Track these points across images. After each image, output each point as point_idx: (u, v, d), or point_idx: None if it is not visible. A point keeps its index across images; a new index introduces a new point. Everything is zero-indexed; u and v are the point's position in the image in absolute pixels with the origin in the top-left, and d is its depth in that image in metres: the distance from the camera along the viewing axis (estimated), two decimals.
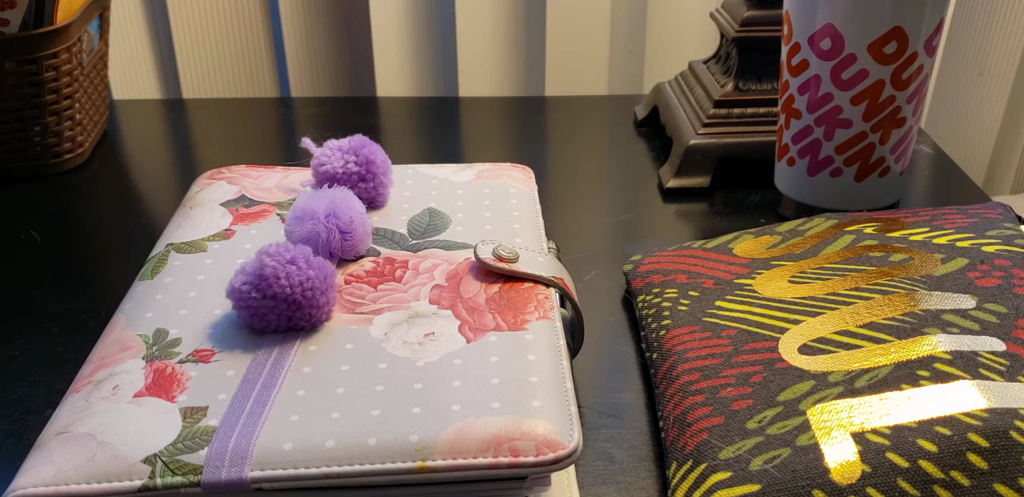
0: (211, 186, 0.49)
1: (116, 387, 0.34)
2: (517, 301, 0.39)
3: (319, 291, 0.36)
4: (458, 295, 0.39)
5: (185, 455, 0.31)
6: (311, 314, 0.37)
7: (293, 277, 0.36)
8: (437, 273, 0.41)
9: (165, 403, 0.33)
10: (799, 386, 0.37)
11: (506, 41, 0.91)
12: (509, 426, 0.31)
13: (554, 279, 0.40)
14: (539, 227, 0.46)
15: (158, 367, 0.35)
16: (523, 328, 0.37)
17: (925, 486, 0.31)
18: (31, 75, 0.65)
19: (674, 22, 0.91)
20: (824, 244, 0.48)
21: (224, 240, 0.44)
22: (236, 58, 0.93)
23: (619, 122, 0.78)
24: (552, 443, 0.31)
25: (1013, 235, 0.45)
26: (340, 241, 0.40)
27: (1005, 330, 0.38)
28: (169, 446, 0.31)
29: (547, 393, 0.33)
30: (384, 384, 0.34)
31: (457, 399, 0.33)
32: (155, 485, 0.30)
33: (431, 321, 0.37)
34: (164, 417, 0.33)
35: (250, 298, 0.36)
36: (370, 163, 0.45)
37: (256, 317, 0.36)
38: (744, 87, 0.66)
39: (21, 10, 0.63)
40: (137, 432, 0.32)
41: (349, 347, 0.36)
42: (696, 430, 0.37)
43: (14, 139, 0.67)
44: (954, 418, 0.33)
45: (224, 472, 0.30)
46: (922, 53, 0.53)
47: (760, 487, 0.33)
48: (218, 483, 0.30)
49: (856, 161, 0.56)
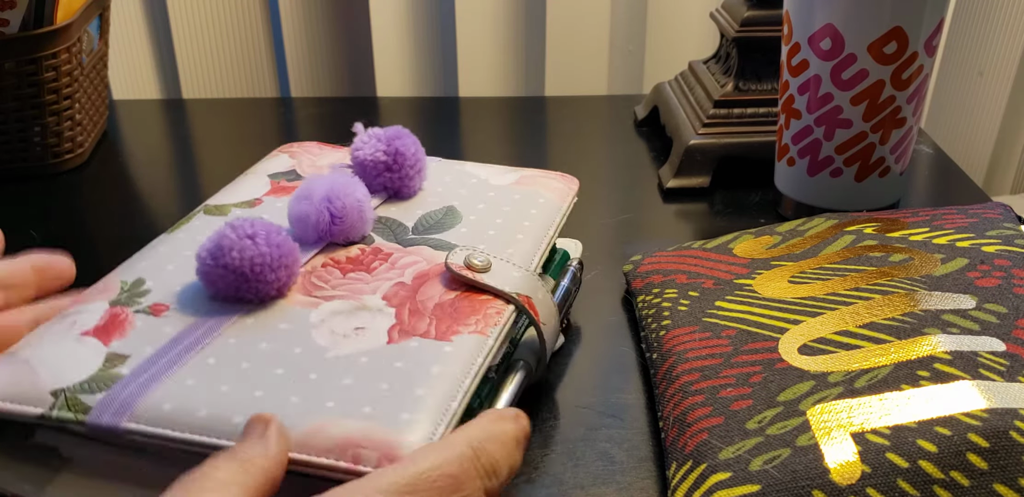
0: (275, 158, 0.51)
1: (73, 323, 0.37)
2: (464, 310, 0.38)
3: (268, 268, 0.38)
4: (413, 296, 0.39)
5: (84, 395, 0.34)
6: (258, 289, 0.38)
7: (245, 251, 0.38)
8: (409, 271, 0.41)
9: (100, 345, 0.36)
10: (799, 386, 0.37)
11: (506, 41, 0.91)
12: (364, 432, 0.32)
13: (516, 296, 0.39)
14: (544, 240, 0.45)
15: (115, 312, 0.38)
16: (448, 339, 0.37)
17: (925, 486, 0.31)
18: (31, 75, 0.65)
19: (674, 22, 0.91)
20: (824, 244, 0.48)
21: (249, 207, 0.46)
22: (236, 58, 0.93)
23: (619, 122, 0.78)
24: (395, 457, 0.31)
25: (1013, 235, 0.45)
26: (329, 224, 0.42)
27: (1005, 330, 0.38)
28: (78, 384, 0.34)
29: (424, 409, 0.33)
30: (285, 368, 0.35)
31: (336, 397, 0.33)
32: (50, 416, 0.33)
33: (370, 316, 0.38)
34: (91, 358, 0.35)
35: (205, 264, 0.38)
36: (399, 154, 0.46)
37: (208, 282, 0.38)
38: (744, 87, 0.66)
39: (21, 10, 0.63)
40: (63, 366, 0.35)
41: (282, 327, 0.37)
42: (696, 430, 0.37)
43: (14, 139, 0.67)
44: (954, 418, 0.33)
45: (106, 418, 0.33)
46: (922, 53, 0.53)
47: (760, 487, 0.33)
48: (98, 426, 0.33)
49: (856, 161, 0.56)
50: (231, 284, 0.38)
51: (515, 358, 0.41)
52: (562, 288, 0.47)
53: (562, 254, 0.49)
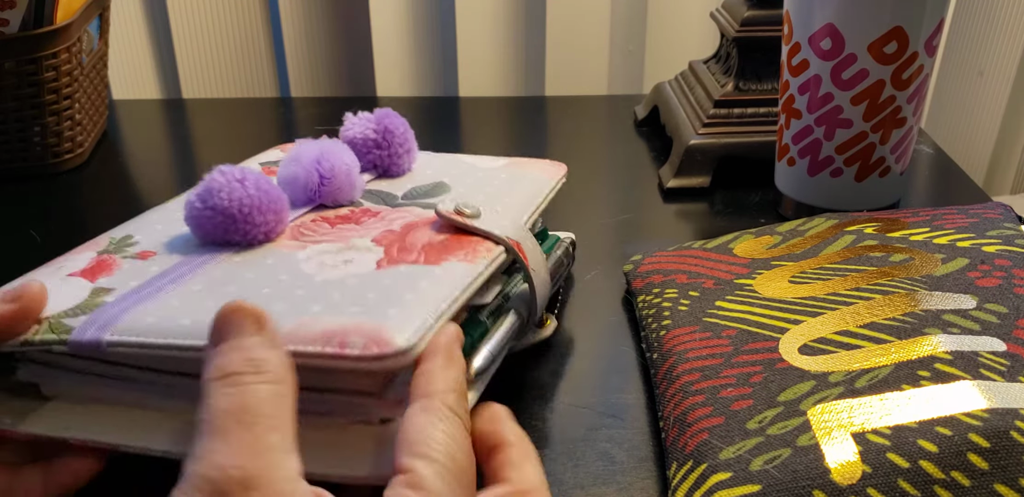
0: (268, 152, 0.53)
1: (61, 267, 0.38)
2: (452, 246, 0.38)
3: (256, 210, 0.38)
4: (402, 239, 0.39)
5: (69, 318, 0.33)
6: (245, 230, 0.38)
7: (235, 192, 0.38)
8: (398, 222, 0.41)
9: (87, 282, 0.36)
10: (799, 386, 0.37)
11: (506, 41, 0.91)
12: (350, 324, 0.31)
13: (507, 239, 0.39)
14: (532, 207, 0.45)
15: (103, 259, 0.39)
16: (437, 264, 0.36)
17: (926, 486, 0.31)
18: (31, 75, 0.65)
19: (674, 22, 0.91)
20: (824, 244, 0.48)
21: None
22: (236, 58, 0.93)
23: (619, 122, 0.78)
24: (383, 341, 0.30)
25: (1013, 235, 0.45)
26: (318, 185, 0.42)
27: (1005, 330, 0.38)
28: (62, 311, 0.34)
29: (413, 306, 0.33)
30: (272, 288, 0.35)
31: (323, 302, 0.33)
32: (32, 341, 0.33)
33: (359, 253, 0.38)
34: (78, 292, 0.35)
35: (194, 207, 0.38)
36: (387, 132, 0.47)
37: (196, 226, 0.39)
38: (744, 87, 0.66)
39: (21, 10, 0.63)
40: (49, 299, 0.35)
41: (269, 262, 0.37)
42: (696, 430, 0.37)
43: (14, 139, 0.67)
44: (955, 418, 0.33)
45: (88, 334, 0.32)
46: (922, 53, 0.53)
47: (760, 487, 0.33)
48: (80, 342, 0.32)
49: (856, 161, 0.56)
50: (219, 226, 0.38)
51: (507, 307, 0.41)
52: (554, 257, 0.47)
53: (553, 238, 0.49)
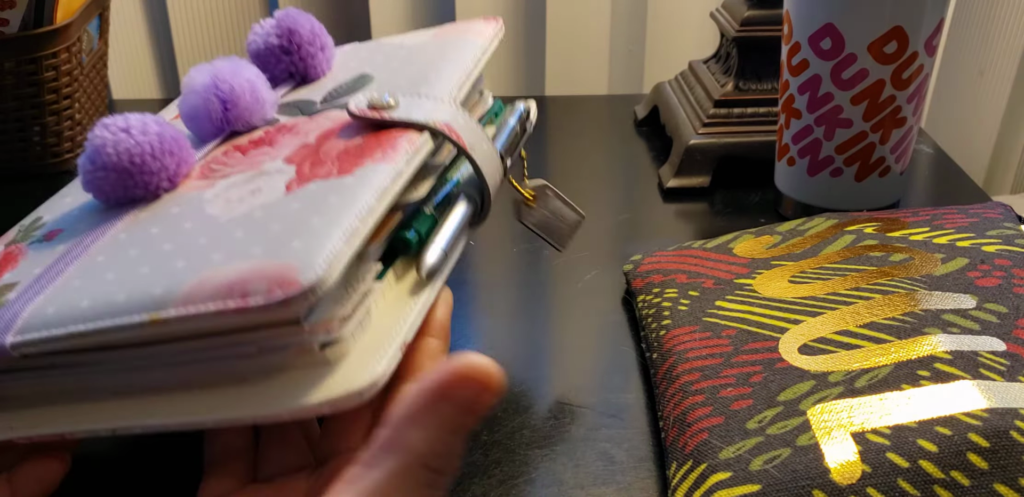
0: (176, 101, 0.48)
1: None
2: (369, 148, 0.33)
3: (150, 156, 0.35)
4: (316, 151, 0.35)
5: None
6: (146, 181, 0.35)
7: (120, 144, 0.35)
8: (313, 134, 0.36)
9: None
10: (799, 386, 0.37)
11: (506, 41, 0.91)
12: (252, 269, 0.27)
13: (433, 124, 0.34)
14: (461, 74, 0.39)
15: (10, 250, 0.35)
16: (350, 173, 0.32)
17: (925, 486, 0.31)
18: (31, 75, 0.65)
19: (674, 22, 0.91)
20: (824, 244, 0.48)
21: None
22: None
23: (619, 122, 0.78)
24: (286, 282, 0.26)
25: (1013, 235, 0.45)
26: (222, 112, 0.38)
27: (1005, 330, 0.38)
28: None
29: (318, 233, 0.29)
30: (174, 243, 0.31)
31: (225, 248, 0.29)
32: None
33: (268, 179, 0.34)
34: None
35: (86, 172, 0.35)
36: (292, 33, 0.42)
37: (95, 190, 0.35)
38: (744, 87, 0.66)
39: (21, 10, 0.63)
40: None
41: (175, 211, 0.34)
42: (696, 430, 0.37)
43: (14, 139, 0.67)
44: (954, 418, 0.33)
45: None
46: (922, 53, 0.53)
47: (760, 487, 0.33)
48: None
49: (856, 161, 0.56)
50: (116, 184, 0.35)
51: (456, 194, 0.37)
52: (506, 127, 0.41)
53: (498, 105, 0.43)
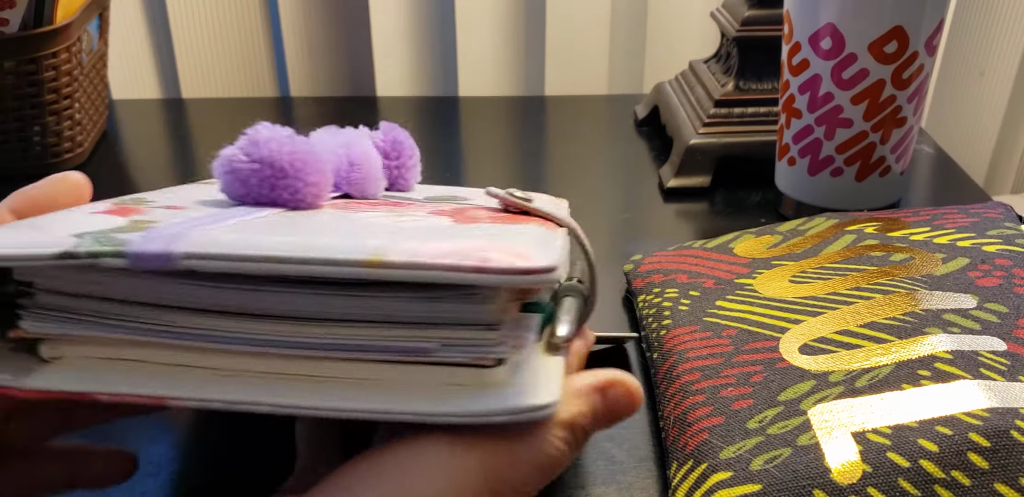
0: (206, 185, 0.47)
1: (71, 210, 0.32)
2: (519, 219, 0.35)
3: (311, 165, 0.34)
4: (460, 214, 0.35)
5: (121, 234, 0.28)
6: (296, 187, 0.34)
7: (284, 145, 0.34)
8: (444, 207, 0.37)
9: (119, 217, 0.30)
10: (800, 386, 0.37)
11: (506, 40, 0.91)
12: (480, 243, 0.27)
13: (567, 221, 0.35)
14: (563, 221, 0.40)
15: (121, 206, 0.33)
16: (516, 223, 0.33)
17: (926, 486, 0.31)
18: (31, 75, 0.65)
19: (674, 21, 0.91)
20: (825, 244, 0.48)
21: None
22: (236, 57, 0.93)
23: (619, 122, 0.78)
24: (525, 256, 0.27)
25: (1014, 235, 0.45)
26: (348, 172, 0.38)
27: (1006, 330, 0.38)
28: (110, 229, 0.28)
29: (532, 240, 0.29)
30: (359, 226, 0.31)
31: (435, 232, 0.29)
32: (76, 252, 0.26)
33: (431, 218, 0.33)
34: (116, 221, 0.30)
35: (236, 160, 0.34)
36: (396, 142, 0.44)
37: (238, 181, 0.34)
38: (744, 86, 0.66)
39: (21, 10, 0.63)
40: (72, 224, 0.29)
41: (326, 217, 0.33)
42: (697, 430, 0.37)
43: (13, 139, 0.67)
44: (955, 418, 0.33)
45: (155, 244, 0.27)
46: (923, 52, 0.53)
47: (761, 487, 0.33)
48: (143, 253, 0.26)
49: (857, 161, 0.56)
50: (266, 180, 0.33)
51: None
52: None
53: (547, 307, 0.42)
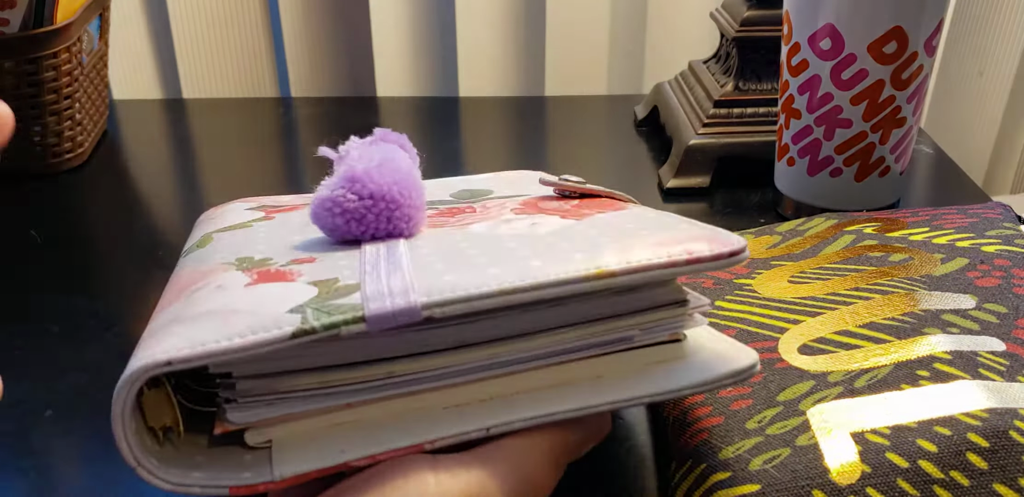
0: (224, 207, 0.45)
1: (220, 286, 0.30)
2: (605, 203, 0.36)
3: (414, 190, 0.34)
4: (540, 208, 0.36)
5: (337, 300, 0.27)
6: (410, 215, 0.34)
7: (384, 176, 0.34)
8: (509, 204, 0.38)
9: (287, 283, 0.29)
10: (799, 386, 0.37)
11: (506, 41, 0.91)
12: (669, 237, 0.29)
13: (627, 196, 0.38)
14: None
15: (259, 271, 0.31)
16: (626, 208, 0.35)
17: (925, 486, 0.31)
18: (31, 75, 0.65)
19: (674, 22, 0.91)
20: (824, 244, 0.48)
21: (267, 220, 0.40)
22: (236, 58, 0.93)
23: (619, 122, 0.78)
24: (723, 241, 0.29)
25: (1013, 235, 0.45)
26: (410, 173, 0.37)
27: (1005, 330, 0.38)
28: (314, 299, 0.27)
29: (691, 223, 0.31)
30: (516, 242, 0.31)
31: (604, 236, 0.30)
32: (311, 327, 0.26)
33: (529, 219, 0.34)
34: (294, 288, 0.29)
35: (347, 200, 0.33)
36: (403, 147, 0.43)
37: (353, 220, 0.33)
38: (744, 87, 0.66)
39: (21, 10, 0.63)
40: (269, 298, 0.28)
41: (458, 237, 0.33)
42: (696, 430, 0.37)
43: (14, 139, 0.67)
44: (954, 418, 0.33)
45: (389, 302, 0.26)
46: (922, 53, 0.53)
47: (760, 487, 0.33)
48: (384, 313, 0.26)
49: (856, 161, 0.56)
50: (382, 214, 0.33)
51: None
52: None
53: None
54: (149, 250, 0.59)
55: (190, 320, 0.27)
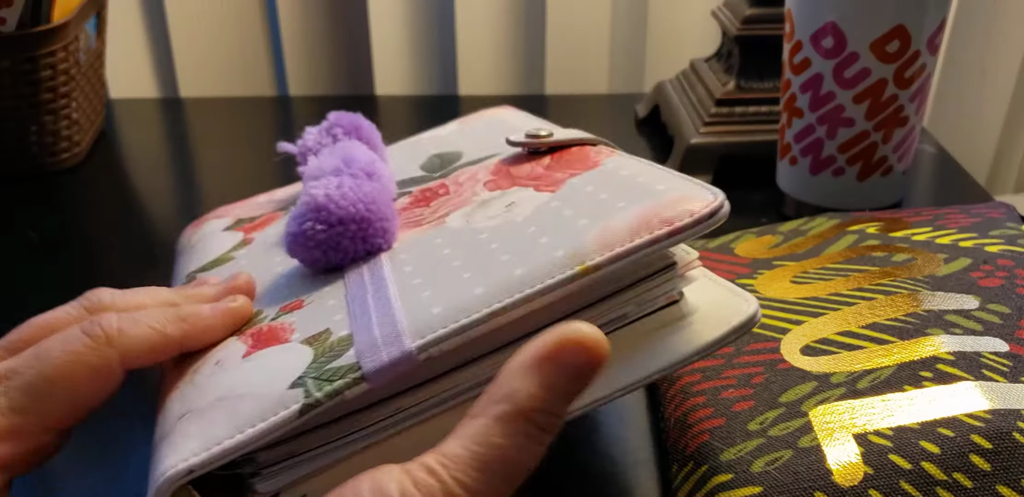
0: (201, 227, 0.46)
1: (218, 362, 0.31)
2: (577, 157, 0.36)
3: (384, 204, 0.34)
4: (513, 177, 0.36)
5: (333, 362, 0.28)
6: (384, 228, 0.34)
7: (349, 196, 0.33)
8: (480, 175, 0.38)
9: (282, 346, 0.30)
10: (801, 387, 0.37)
11: (506, 39, 0.91)
12: (646, 209, 0.29)
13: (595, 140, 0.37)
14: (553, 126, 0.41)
15: (252, 332, 0.32)
16: (598, 165, 0.34)
17: (928, 488, 0.31)
18: (28, 74, 0.65)
19: (675, 20, 0.91)
20: (826, 244, 0.47)
21: (247, 246, 0.41)
22: (234, 56, 0.93)
23: (620, 121, 0.78)
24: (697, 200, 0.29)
25: (1016, 235, 0.45)
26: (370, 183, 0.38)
27: (1008, 331, 0.37)
28: (310, 366, 0.28)
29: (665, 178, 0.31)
30: (497, 242, 0.31)
31: (581, 216, 0.30)
32: (315, 400, 0.26)
33: (503, 197, 0.35)
34: (289, 354, 0.29)
35: (315, 231, 0.33)
36: (359, 129, 0.43)
37: (331, 249, 0.34)
38: (746, 86, 0.65)
39: (18, 8, 0.63)
40: (268, 374, 0.28)
41: (438, 241, 0.33)
42: (697, 432, 0.37)
43: (11, 138, 0.67)
44: (957, 419, 0.33)
45: (384, 354, 0.27)
46: (924, 52, 0.53)
47: (762, 489, 0.33)
48: (382, 367, 0.27)
49: (858, 160, 0.56)
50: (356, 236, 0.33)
51: None
52: None
53: None
54: (146, 249, 0.58)
55: (198, 415, 0.28)
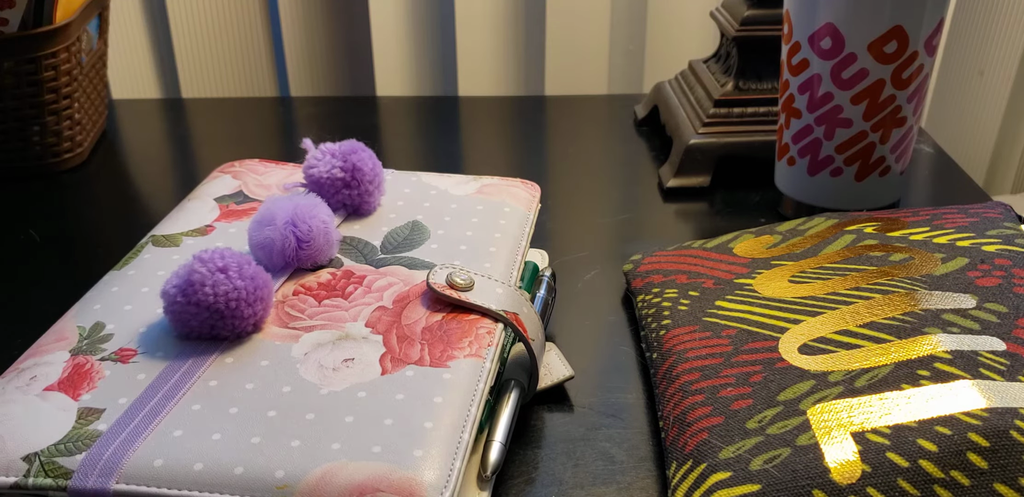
0: (217, 179, 0.49)
1: (33, 378, 0.34)
2: (454, 333, 0.37)
3: (245, 303, 0.36)
4: (398, 321, 0.38)
5: (62, 458, 0.31)
6: (234, 325, 0.36)
7: (219, 286, 0.35)
8: (387, 294, 0.39)
9: (68, 400, 0.33)
10: (799, 386, 0.37)
11: (506, 40, 0.91)
12: (379, 475, 0.30)
13: (504, 314, 0.38)
14: (518, 253, 0.44)
15: (79, 362, 0.35)
16: (445, 365, 0.35)
17: (925, 486, 0.31)
18: (30, 74, 0.65)
19: (674, 21, 0.91)
20: (824, 244, 0.48)
21: (201, 236, 0.44)
22: (235, 57, 0.93)
23: (619, 121, 0.78)
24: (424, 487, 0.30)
25: (1013, 234, 0.45)
26: (296, 250, 0.40)
27: (1005, 330, 0.38)
28: (52, 446, 0.31)
29: (436, 442, 0.32)
30: (278, 410, 0.33)
31: (340, 437, 0.32)
32: (26, 484, 0.30)
33: (356, 346, 0.36)
34: (61, 415, 0.33)
35: (175, 302, 0.36)
36: (357, 170, 0.44)
37: (179, 322, 0.36)
38: (744, 86, 0.66)
39: (20, 9, 0.63)
40: (30, 427, 0.32)
41: (264, 364, 0.35)
42: (696, 430, 0.37)
43: (13, 138, 0.67)
44: (954, 418, 0.33)
45: (91, 481, 0.30)
46: (922, 52, 0.53)
47: (760, 487, 0.33)
48: (83, 491, 0.30)
49: (856, 160, 0.56)
50: (205, 322, 0.36)
51: (506, 378, 0.40)
52: (539, 299, 0.45)
53: (532, 266, 0.47)
54: None
55: None
